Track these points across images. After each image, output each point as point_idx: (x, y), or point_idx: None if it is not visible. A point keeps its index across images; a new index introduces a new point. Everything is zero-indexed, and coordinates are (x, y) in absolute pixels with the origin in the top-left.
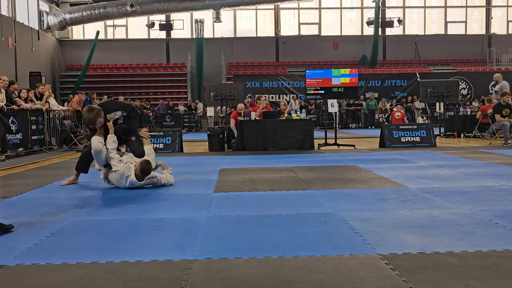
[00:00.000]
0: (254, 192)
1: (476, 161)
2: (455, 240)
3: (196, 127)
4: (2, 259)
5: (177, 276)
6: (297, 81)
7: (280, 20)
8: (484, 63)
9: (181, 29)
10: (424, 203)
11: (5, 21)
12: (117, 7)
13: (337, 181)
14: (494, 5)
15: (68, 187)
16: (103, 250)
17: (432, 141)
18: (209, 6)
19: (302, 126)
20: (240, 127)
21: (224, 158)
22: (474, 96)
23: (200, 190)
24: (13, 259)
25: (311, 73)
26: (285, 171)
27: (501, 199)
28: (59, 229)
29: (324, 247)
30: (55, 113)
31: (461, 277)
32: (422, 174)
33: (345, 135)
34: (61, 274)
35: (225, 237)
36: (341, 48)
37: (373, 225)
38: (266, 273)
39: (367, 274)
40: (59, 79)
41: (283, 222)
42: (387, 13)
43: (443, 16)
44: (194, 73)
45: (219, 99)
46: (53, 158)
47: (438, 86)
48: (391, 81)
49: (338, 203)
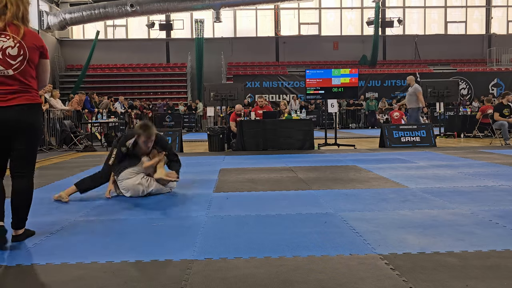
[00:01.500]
0: (254, 192)
1: (476, 161)
2: (455, 240)
3: (196, 127)
4: (2, 259)
5: (177, 276)
6: (297, 81)
7: (280, 20)
8: (484, 63)
9: (181, 29)
10: (424, 203)
11: None
12: (117, 7)
13: (337, 181)
14: (494, 5)
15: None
16: (103, 250)
17: (432, 141)
18: (209, 6)
19: (302, 126)
20: (240, 127)
21: (224, 158)
22: (474, 96)
23: (200, 190)
24: (13, 259)
25: (311, 73)
26: (285, 171)
27: (501, 199)
28: (59, 229)
29: (324, 247)
30: (56, 114)
31: (461, 277)
32: (422, 174)
33: (345, 135)
34: (61, 274)
35: (225, 237)
36: (341, 48)
37: (373, 225)
38: (266, 273)
39: (367, 274)
40: (59, 79)
41: (283, 222)
42: (387, 13)
43: (443, 16)
44: (194, 73)
45: (219, 99)
46: (53, 158)
47: (438, 86)
48: (391, 81)
49: (338, 203)
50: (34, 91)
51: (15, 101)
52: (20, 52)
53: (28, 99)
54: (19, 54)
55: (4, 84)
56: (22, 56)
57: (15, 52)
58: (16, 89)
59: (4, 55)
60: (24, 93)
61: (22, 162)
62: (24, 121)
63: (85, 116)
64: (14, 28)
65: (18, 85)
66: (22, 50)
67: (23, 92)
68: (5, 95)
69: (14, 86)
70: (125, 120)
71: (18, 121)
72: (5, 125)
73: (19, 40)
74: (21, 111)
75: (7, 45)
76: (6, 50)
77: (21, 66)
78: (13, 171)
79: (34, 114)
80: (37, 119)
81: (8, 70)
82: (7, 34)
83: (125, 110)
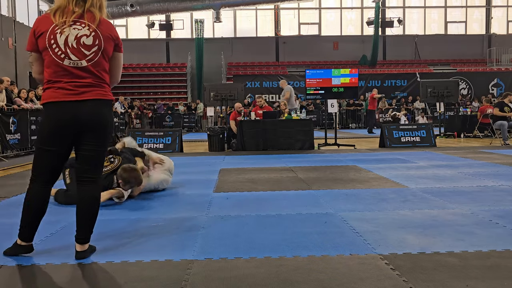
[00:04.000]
0: (254, 192)
1: (476, 161)
2: (455, 240)
3: (196, 127)
4: (2, 259)
5: (177, 276)
6: (297, 81)
7: (280, 20)
8: (484, 63)
9: (181, 29)
10: (424, 203)
11: (5, 21)
12: (117, 7)
13: (337, 181)
14: (494, 5)
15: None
16: (103, 250)
17: (432, 141)
18: (209, 6)
19: (302, 126)
20: (240, 127)
21: (224, 158)
22: (474, 96)
23: (200, 190)
24: (13, 259)
25: (311, 73)
26: (285, 171)
27: (501, 199)
28: (59, 229)
29: (324, 247)
30: None
31: (461, 277)
32: (422, 174)
33: (345, 135)
34: (61, 274)
35: (225, 237)
36: (341, 48)
37: (373, 225)
38: (266, 273)
39: (367, 274)
40: None
41: (283, 222)
42: (387, 13)
43: (443, 16)
44: (194, 73)
45: (219, 99)
46: None
47: (438, 86)
48: (391, 81)
49: (338, 203)
50: (107, 86)
51: (87, 95)
52: (95, 42)
53: (101, 94)
54: (94, 44)
55: (76, 76)
56: (97, 47)
57: (90, 41)
58: (89, 82)
59: (79, 44)
60: (97, 87)
61: (91, 165)
62: (97, 118)
63: None
64: (90, 15)
65: (91, 78)
66: (98, 40)
67: (96, 86)
68: (77, 88)
69: (87, 79)
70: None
71: (90, 118)
72: (75, 122)
73: (95, 28)
74: (94, 107)
75: (82, 33)
76: (80, 39)
77: (95, 57)
78: (81, 176)
79: (107, 112)
80: (109, 117)
81: (81, 61)
82: (83, 21)
83: (125, 110)
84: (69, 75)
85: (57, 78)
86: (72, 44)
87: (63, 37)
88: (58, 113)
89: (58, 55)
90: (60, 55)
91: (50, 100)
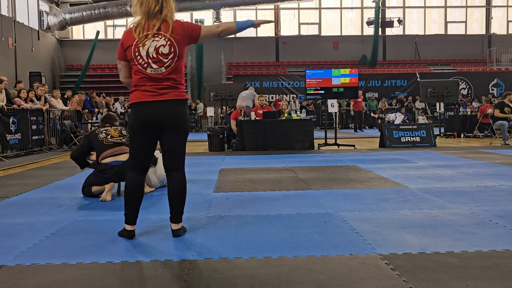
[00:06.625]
0: (254, 192)
1: (476, 161)
2: (455, 240)
3: (196, 127)
4: (2, 259)
5: (177, 276)
6: (297, 81)
7: (280, 20)
8: (484, 63)
9: None
10: (424, 203)
11: (5, 21)
12: (117, 7)
13: (337, 181)
14: (494, 5)
15: (68, 187)
16: (103, 250)
17: (432, 141)
18: (209, 6)
19: (302, 126)
20: (240, 127)
21: (224, 158)
22: (474, 96)
23: (200, 190)
24: (13, 259)
25: (311, 73)
26: (285, 171)
27: (501, 199)
28: (59, 229)
29: (324, 247)
30: (56, 114)
31: (461, 277)
32: (422, 174)
33: (345, 135)
34: (61, 274)
35: (225, 237)
36: (341, 48)
37: (373, 225)
38: (266, 273)
39: (367, 274)
40: (59, 79)
41: (283, 222)
42: (387, 13)
43: (443, 16)
44: (194, 73)
45: (219, 99)
46: (53, 158)
47: (438, 86)
48: (391, 81)
49: (338, 203)
50: (182, 87)
51: (166, 96)
52: (171, 49)
53: (177, 95)
54: (170, 52)
55: (157, 80)
56: (173, 53)
57: (166, 50)
58: (167, 85)
59: (158, 54)
60: (173, 89)
61: (175, 155)
62: (175, 114)
63: (85, 116)
64: (165, 25)
65: (168, 81)
66: (173, 48)
67: (173, 88)
68: (158, 90)
69: (166, 82)
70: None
71: (169, 115)
72: (158, 117)
73: (169, 37)
74: (172, 105)
75: (160, 44)
76: (159, 49)
77: (172, 63)
78: (168, 165)
79: (182, 109)
80: (186, 112)
81: (161, 68)
82: (160, 33)
83: (125, 110)
84: (151, 80)
85: (142, 83)
86: (153, 55)
87: (145, 49)
88: (143, 111)
89: (142, 64)
90: (144, 64)
91: (136, 101)
